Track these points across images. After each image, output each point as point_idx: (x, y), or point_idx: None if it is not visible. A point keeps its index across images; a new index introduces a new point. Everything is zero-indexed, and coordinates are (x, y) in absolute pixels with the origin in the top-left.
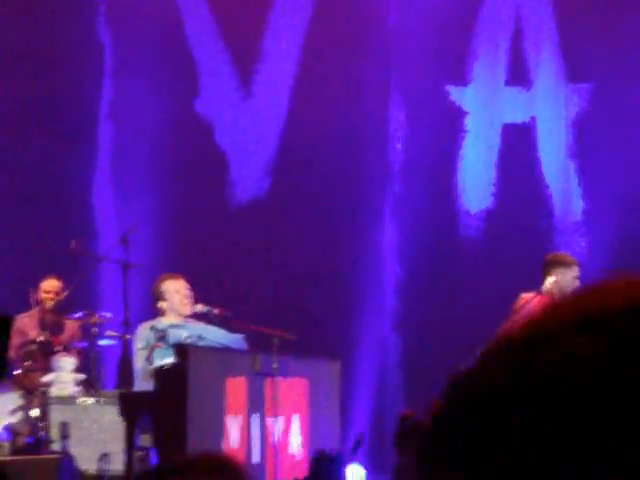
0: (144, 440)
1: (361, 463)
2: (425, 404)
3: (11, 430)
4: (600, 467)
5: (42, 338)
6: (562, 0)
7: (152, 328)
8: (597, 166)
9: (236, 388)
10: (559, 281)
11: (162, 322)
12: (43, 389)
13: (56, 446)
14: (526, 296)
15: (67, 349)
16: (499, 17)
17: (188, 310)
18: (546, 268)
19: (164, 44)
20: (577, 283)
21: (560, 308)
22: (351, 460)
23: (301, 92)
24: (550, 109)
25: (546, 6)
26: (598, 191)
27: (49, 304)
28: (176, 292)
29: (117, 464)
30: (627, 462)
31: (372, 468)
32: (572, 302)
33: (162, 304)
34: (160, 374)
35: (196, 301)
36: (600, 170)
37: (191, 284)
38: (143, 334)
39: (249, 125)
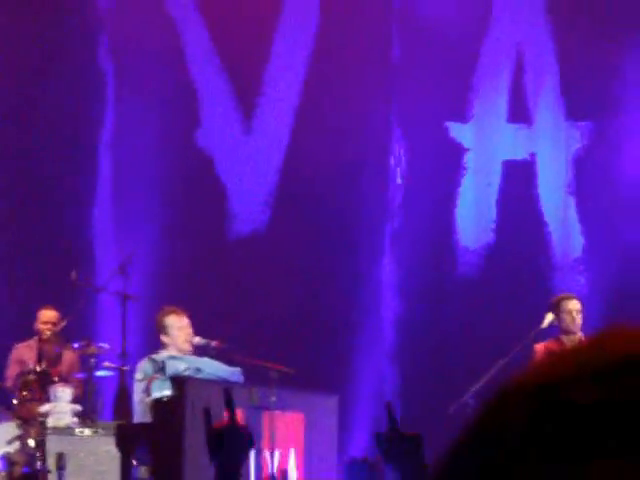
0: (141, 472)
1: None
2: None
3: (8, 460)
4: None
5: (40, 368)
6: (563, 39)
7: (150, 360)
8: (596, 203)
9: None
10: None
11: (161, 354)
12: (40, 419)
13: (52, 477)
14: (538, 347)
15: (65, 379)
16: (500, 54)
17: (189, 348)
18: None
19: (166, 75)
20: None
21: (575, 354)
22: None
23: (302, 126)
24: (550, 146)
25: (547, 44)
26: (597, 228)
27: (47, 334)
28: (179, 329)
29: None
30: None
31: None
32: (587, 348)
33: (164, 338)
34: (158, 406)
35: (194, 333)
36: (599, 207)
37: (189, 316)
38: (142, 366)
39: (249, 157)
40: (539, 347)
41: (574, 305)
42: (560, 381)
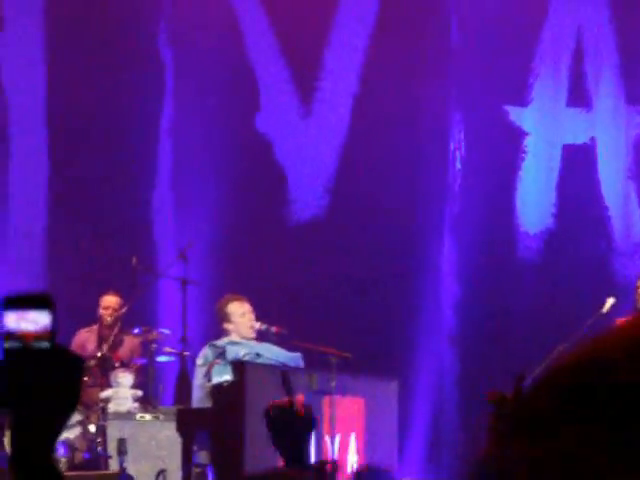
0: (201, 457)
1: None
2: (482, 423)
3: (69, 445)
4: None
5: (101, 353)
6: (623, 22)
7: (211, 345)
8: None
9: None
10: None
11: (221, 340)
12: (101, 405)
13: (114, 462)
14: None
15: (125, 365)
16: (560, 38)
17: (252, 334)
18: None
19: (225, 61)
20: None
21: (622, 332)
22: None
23: (360, 110)
24: (610, 130)
25: (607, 27)
26: None
27: (108, 320)
28: (242, 315)
29: None
30: None
31: None
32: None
33: (227, 325)
34: (218, 391)
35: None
36: None
37: (248, 301)
38: (203, 351)
39: (308, 142)
40: (621, 322)
41: None
42: (599, 362)
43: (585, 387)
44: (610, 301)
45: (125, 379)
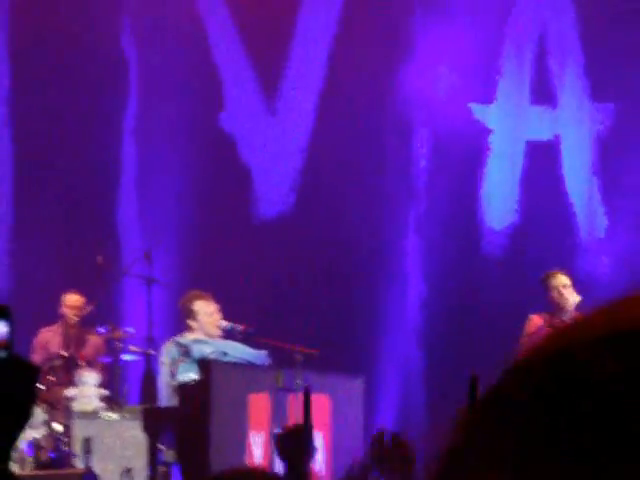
0: (167, 455)
1: None
2: (447, 420)
3: (34, 444)
4: None
5: (66, 353)
6: (586, 20)
7: (176, 343)
8: (621, 184)
9: (259, 404)
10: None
11: (186, 337)
12: (66, 404)
13: (79, 461)
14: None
15: (91, 364)
16: (524, 35)
17: (217, 332)
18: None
19: (189, 59)
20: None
21: (591, 320)
22: None
23: (326, 107)
24: (574, 127)
25: (571, 26)
26: (622, 209)
27: (72, 319)
28: (207, 314)
29: (140, 479)
30: None
31: None
32: (603, 315)
33: (192, 323)
34: (183, 389)
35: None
36: (624, 188)
37: (214, 299)
38: (168, 349)
39: (274, 140)
40: (534, 317)
41: (563, 280)
42: (570, 351)
43: (557, 378)
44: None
45: (90, 378)
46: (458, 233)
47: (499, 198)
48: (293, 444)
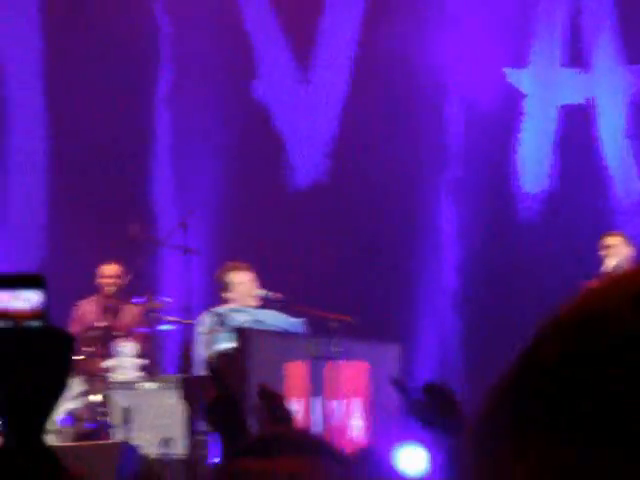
0: (205, 425)
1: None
2: (486, 384)
3: (73, 416)
4: None
5: (103, 324)
6: None
7: (212, 313)
8: None
9: (296, 372)
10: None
11: (222, 306)
12: (104, 374)
13: (118, 431)
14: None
15: (128, 334)
16: None
17: (253, 302)
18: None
19: (221, 28)
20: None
21: (615, 284)
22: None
23: (359, 75)
24: (608, 90)
25: None
26: None
27: (110, 290)
28: (240, 284)
29: (178, 449)
30: None
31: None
32: (626, 278)
33: (227, 294)
34: (220, 358)
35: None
36: None
37: (249, 268)
38: (204, 319)
39: (307, 108)
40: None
41: (612, 241)
42: (597, 314)
43: (581, 343)
44: (612, 260)
45: (128, 348)
46: (493, 198)
47: (533, 163)
48: (223, 413)
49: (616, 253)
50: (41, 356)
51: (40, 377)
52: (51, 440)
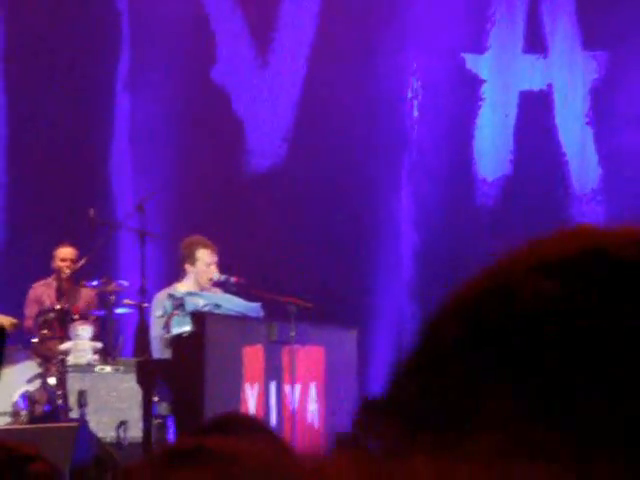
0: (162, 408)
1: None
2: None
3: (28, 398)
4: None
5: (59, 306)
6: None
7: (170, 296)
8: (614, 133)
9: (253, 356)
10: None
11: (180, 290)
12: (61, 357)
13: (74, 414)
14: None
15: (84, 317)
16: None
17: (209, 285)
18: None
19: (181, 12)
20: None
21: (521, 253)
22: None
23: (317, 59)
24: (567, 76)
25: None
26: (615, 158)
27: (66, 272)
28: (207, 265)
29: (135, 432)
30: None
31: None
32: (532, 249)
33: (189, 268)
34: (177, 342)
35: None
36: (617, 137)
37: (217, 251)
38: (160, 302)
39: (266, 92)
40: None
41: None
42: (508, 281)
43: (489, 315)
44: None
45: (84, 331)
46: (451, 184)
47: (492, 149)
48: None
49: None
50: None
51: None
52: (7, 422)
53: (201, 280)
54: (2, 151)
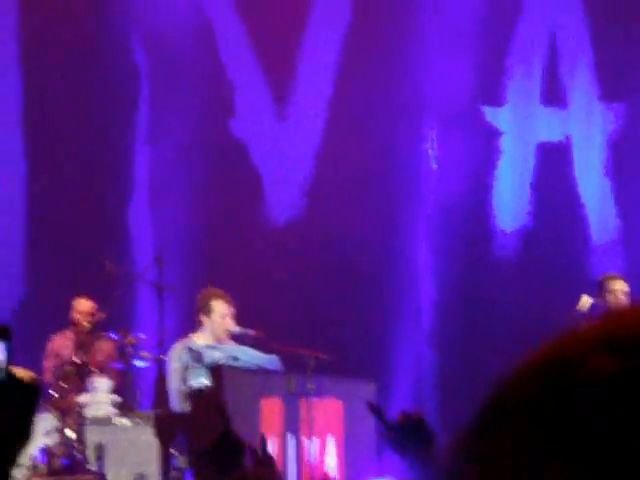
0: (180, 461)
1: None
2: (461, 423)
3: (47, 452)
4: None
5: (78, 359)
6: (596, 19)
7: (188, 349)
8: (633, 184)
9: (271, 409)
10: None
11: (197, 343)
12: (79, 410)
13: (92, 467)
14: None
15: (102, 370)
16: (534, 36)
17: (225, 337)
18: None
19: (199, 66)
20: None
21: (588, 329)
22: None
23: (336, 112)
24: (585, 128)
25: (581, 25)
26: (635, 209)
27: (84, 325)
28: (223, 317)
29: None
30: None
31: None
32: (600, 324)
33: (204, 319)
34: (195, 395)
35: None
36: (636, 188)
37: (233, 303)
38: (178, 354)
39: (284, 145)
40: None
41: (619, 285)
42: (571, 355)
43: (552, 385)
44: (585, 298)
45: (102, 384)
46: (470, 236)
47: (511, 200)
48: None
49: (621, 295)
50: (4, 409)
51: (4, 427)
52: (25, 475)
53: (216, 332)
54: (24, 205)
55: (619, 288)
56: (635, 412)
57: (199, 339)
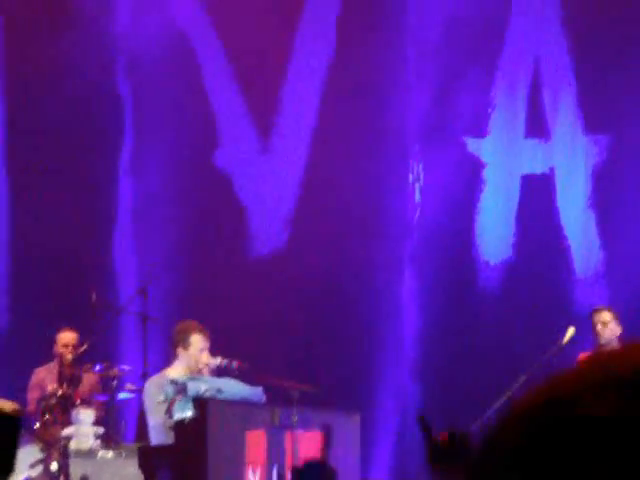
0: None
1: None
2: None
3: None
4: None
5: (61, 391)
6: (580, 51)
7: (171, 381)
8: (617, 216)
9: (256, 441)
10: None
11: (170, 375)
12: (63, 442)
13: None
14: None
15: (86, 402)
16: (517, 68)
17: (204, 369)
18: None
19: (183, 98)
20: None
21: (586, 368)
22: None
23: (319, 143)
24: (569, 160)
25: (564, 57)
26: (618, 242)
27: (68, 357)
28: (201, 350)
29: None
30: None
31: None
32: (597, 362)
33: (181, 352)
34: (180, 427)
35: (215, 354)
36: (620, 220)
37: (209, 336)
38: (159, 388)
39: (268, 176)
40: (583, 356)
41: (599, 317)
42: (567, 395)
43: (550, 423)
44: (570, 331)
45: (86, 416)
46: (453, 267)
47: (494, 232)
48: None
49: (610, 329)
50: None
51: None
52: None
53: (192, 365)
54: (4, 236)
55: (602, 320)
56: (633, 455)
57: (173, 372)
